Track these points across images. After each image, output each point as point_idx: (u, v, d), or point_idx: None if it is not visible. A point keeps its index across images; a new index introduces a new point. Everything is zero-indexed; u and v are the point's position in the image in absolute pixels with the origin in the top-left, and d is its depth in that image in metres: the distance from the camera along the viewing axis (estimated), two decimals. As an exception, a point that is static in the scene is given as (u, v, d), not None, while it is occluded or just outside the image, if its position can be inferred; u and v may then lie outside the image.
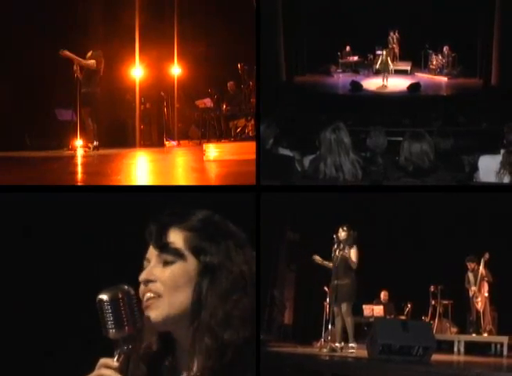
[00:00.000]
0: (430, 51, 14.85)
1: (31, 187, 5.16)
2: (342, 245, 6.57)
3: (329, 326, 6.75)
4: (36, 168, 7.56)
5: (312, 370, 5.46)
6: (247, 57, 9.96)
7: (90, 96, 9.45)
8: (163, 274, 1.77)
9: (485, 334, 7.46)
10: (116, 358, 1.70)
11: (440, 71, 14.72)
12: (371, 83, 14.08)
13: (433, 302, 8.27)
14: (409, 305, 8.49)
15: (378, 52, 14.59)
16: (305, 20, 14.33)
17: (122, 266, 2.46)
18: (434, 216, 7.88)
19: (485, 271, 7.64)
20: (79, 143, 9.33)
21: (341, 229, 6.66)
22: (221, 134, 11.27)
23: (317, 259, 6.81)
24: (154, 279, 1.77)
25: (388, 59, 14.35)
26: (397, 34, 15.18)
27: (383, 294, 8.65)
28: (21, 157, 8.96)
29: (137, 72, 10.71)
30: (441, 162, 4.97)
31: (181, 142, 11.34)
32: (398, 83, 13.92)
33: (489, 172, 5.06)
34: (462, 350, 7.33)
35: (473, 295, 7.74)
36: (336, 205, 6.93)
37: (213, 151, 8.22)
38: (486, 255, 7.57)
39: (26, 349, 3.49)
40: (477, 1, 13.45)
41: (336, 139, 5.05)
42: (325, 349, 6.46)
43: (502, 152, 5.09)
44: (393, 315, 8.45)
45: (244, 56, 10.35)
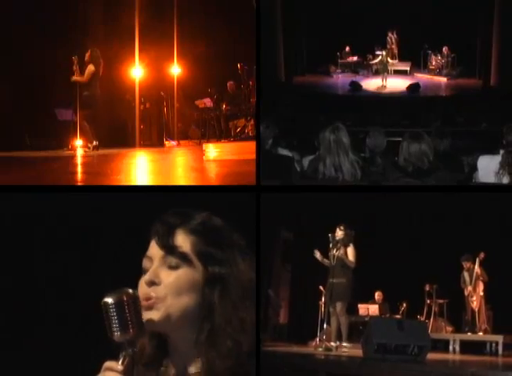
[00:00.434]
0: (429, 51, 14.82)
1: (31, 187, 5.16)
2: (339, 244, 6.59)
3: (324, 325, 6.76)
4: (36, 168, 7.54)
5: (308, 369, 5.45)
6: (247, 57, 9.97)
7: (90, 99, 9.45)
8: (168, 278, 1.75)
9: (480, 333, 7.47)
10: (121, 361, 1.70)
11: (439, 72, 14.70)
12: (370, 83, 14.08)
13: (428, 301, 8.28)
14: (405, 305, 8.46)
15: (378, 53, 14.59)
16: (305, 21, 14.33)
17: (122, 266, 2.47)
18: (430, 216, 7.89)
19: (481, 270, 7.66)
20: (79, 143, 9.32)
21: (338, 228, 6.68)
22: (220, 134, 11.26)
23: (318, 255, 6.82)
24: (159, 282, 1.75)
25: (388, 59, 14.35)
26: (395, 35, 15.16)
27: (377, 294, 8.60)
28: (21, 157, 8.93)
29: (137, 72, 10.69)
30: (440, 162, 4.98)
31: (181, 142, 11.32)
32: (398, 83, 13.91)
33: (488, 173, 5.07)
34: (457, 349, 7.33)
35: (468, 294, 7.76)
36: (335, 205, 6.93)
37: (213, 151, 8.22)
38: (481, 255, 7.60)
39: (29, 352, 3.48)
40: (476, 1, 13.45)
41: (335, 140, 5.06)
42: (320, 349, 6.45)
43: (501, 152, 5.10)
44: (388, 314, 8.44)
45: (244, 56, 10.35)
